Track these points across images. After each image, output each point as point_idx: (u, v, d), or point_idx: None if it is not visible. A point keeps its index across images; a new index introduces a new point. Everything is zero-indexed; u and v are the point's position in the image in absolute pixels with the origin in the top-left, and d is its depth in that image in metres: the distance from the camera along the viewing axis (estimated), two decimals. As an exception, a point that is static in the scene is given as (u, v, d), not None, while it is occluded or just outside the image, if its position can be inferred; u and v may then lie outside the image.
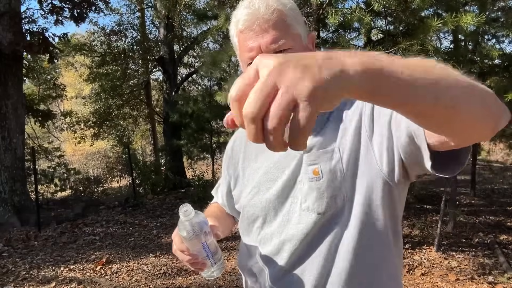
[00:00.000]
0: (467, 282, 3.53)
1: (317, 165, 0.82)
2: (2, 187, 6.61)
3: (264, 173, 0.92)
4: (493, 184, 8.68)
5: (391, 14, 3.80)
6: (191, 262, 0.85)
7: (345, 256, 0.81)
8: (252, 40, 0.80)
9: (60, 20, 7.92)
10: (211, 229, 0.85)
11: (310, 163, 0.83)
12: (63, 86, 12.92)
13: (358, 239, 0.80)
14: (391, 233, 0.84)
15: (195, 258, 0.84)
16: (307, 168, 0.83)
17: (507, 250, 4.24)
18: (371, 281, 0.83)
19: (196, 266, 0.86)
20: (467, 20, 2.64)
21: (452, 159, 0.67)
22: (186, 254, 0.85)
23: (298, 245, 0.84)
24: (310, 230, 0.82)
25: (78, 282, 3.98)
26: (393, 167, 0.78)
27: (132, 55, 11.60)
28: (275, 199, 0.89)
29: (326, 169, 0.81)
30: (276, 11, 0.80)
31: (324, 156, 0.83)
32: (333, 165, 0.81)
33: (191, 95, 10.62)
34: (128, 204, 7.77)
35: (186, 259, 0.86)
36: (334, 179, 0.81)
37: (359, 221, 0.80)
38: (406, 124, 0.69)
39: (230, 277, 3.97)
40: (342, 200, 0.81)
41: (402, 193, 0.85)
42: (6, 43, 6.55)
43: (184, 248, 0.85)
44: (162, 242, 5.33)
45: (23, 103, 7.27)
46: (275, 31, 0.79)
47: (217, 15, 3.94)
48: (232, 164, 1.06)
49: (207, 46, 12.75)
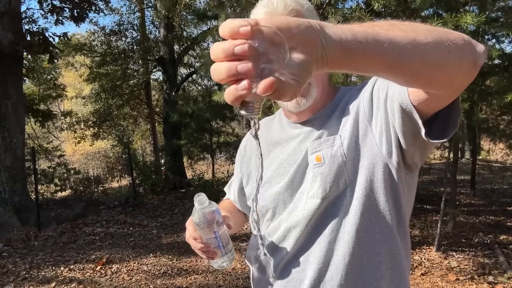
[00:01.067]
0: (467, 282, 3.54)
1: (319, 152, 0.86)
2: (2, 187, 6.61)
3: (276, 168, 0.95)
4: (493, 184, 8.67)
5: (391, 14, 3.80)
6: (203, 250, 0.87)
7: (348, 239, 0.82)
8: None
9: (60, 20, 7.92)
10: (223, 219, 0.87)
11: (313, 151, 0.87)
12: (63, 86, 12.92)
13: (360, 223, 0.82)
14: (394, 217, 0.84)
15: (207, 246, 0.86)
16: (311, 156, 0.87)
17: (507, 250, 4.24)
18: (374, 265, 0.83)
19: (208, 254, 0.87)
20: (467, 20, 2.64)
21: (445, 124, 0.70)
22: (198, 242, 0.86)
23: (303, 230, 0.86)
24: (313, 214, 0.85)
25: (78, 282, 3.98)
26: (391, 148, 0.80)
27: (132, 55, 11.60)
28: (284, 191, 0.91)
29: (328, 155, 0.85)
30: (293, 11, 0.81)
31: (326, 143, 0.86)
32: (334, 150, 0.85)
33: (191, 95, 10.64)
34: (128, 204, 7.77)
35: (198, 247, 0.87)
36: (336, 163, 0.84)
37: (360, 204, 0.82)
38: (398, 97, 0.71)
39: (230, 277, 3.97)
40: (344, 184, 0.83)
41: (406, 183, 0.85)
42: (6, 43, 6.55)
43: (197, 236, 0.86)
44: (162, 242, 5.33)
45: (23, 103, 7.27)
46: None
47: (217, 15, 3.94)
48: (245, 162, 1.10)
49: (207, 46, 12.76)
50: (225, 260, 0.90)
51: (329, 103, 0.93)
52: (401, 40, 0.51)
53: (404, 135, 0.75)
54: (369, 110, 0.83)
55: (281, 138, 0.98)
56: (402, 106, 0.70)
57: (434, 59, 0.54)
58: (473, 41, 0.58)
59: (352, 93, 0.91)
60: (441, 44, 0.54)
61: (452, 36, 0.55)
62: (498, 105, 4.97)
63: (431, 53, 0.53)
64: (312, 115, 0.93)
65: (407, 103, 0.68)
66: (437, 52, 0.53)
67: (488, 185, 8.51)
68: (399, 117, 0.72)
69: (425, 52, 0.52)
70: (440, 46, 0.54)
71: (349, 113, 0.87)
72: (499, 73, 4.62)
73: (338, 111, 0.90)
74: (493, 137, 7.28)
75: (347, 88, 0.95)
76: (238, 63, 0.38)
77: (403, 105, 0.69)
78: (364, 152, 0.83)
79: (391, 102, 0.74)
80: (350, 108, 0.87)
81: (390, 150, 0.80)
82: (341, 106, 0.90)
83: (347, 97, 0.91)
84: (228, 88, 0.40)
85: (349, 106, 0.88)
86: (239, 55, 0.38)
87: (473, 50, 0.57)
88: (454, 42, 0.55)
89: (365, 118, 0.84)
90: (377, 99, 0.80)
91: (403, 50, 0.51)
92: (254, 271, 1.00)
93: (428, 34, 0.53)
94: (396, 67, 0.53)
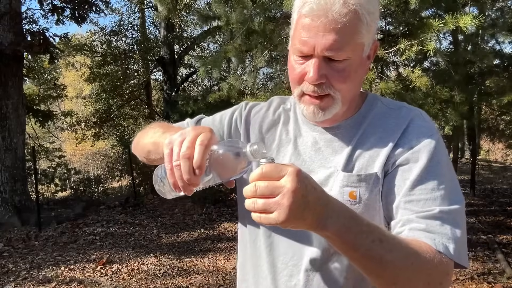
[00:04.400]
0: (466, 282, 3.54)
1: (355, 188, 0.77)
2: (2, 187, 6.62)
3: None
4: (492, 184, 8.68)
5: (391, 14, 3.81)
6: (186, 177, 0.63)
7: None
8: (310, 35, 0.70)
9: (61, 20, 7.93)
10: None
11: (348, 184, 0.77)
12: (63, 86, 12.92)
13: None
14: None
15: (195, 179, 0.63)
16: (343, 188, 0.77)
17: (506, 250, 4.25)
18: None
19: (186, 183, 0.64)
20: (467, 21, 2.65)
21: None
22: (199, 162, 0.62)
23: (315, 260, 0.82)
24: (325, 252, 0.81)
25: (79, 282, 3.99)
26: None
27: (133, 55, 11.60)
28: None
29: (365, 196, 0.77)
30: (350, 13, 0.68)
31: (365, 181, 0.77)
32: (374, 194, 0.77)
33: (191, 95, 10.63)
34: (128, 204, 7.78)
35: (186, 169, 0.62)
36: (371, 209, 0.77)
37: None
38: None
39: (230, 276, 3.98)
40: None
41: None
42: (6, 43, 6.56)
43: (204, 160, 0.63)
44: (162, 242, 5.34)
45: (24, 103, 7.27)
46: (338, 35, 0.69)
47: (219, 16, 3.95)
48: (242, 127, 0.93)
49: (207, 47, 12.78)
50: (173, 195, 0.71)
51: (356, 113, 0.83)
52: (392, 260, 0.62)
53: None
54: (395, 171, 0.76)
55: (295, 136, 0.87)
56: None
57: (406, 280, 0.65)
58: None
59: (385, 122, 0.80)
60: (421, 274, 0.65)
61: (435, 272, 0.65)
62: (498, 105, 4.98)
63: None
64: (336, 123, 0.83)
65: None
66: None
67: (487, 185, 8.52)
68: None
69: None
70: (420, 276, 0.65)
71: (379, 151, 0.77)
72: (498, 73, 4.63)
73: (366, 127, 0.81)
74: (492, 137, 7.29)
75: (374, 97, 0.86)
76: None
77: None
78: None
79: (389, 207, 0.77)
80: (396, 145, 0.76)
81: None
82: (370, 122, 0.81)
83: (378, 115, 0.82)
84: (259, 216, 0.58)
85: (392, 138, 0.77)
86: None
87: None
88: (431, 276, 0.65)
89: (382, 178, 0.77)
90: (407, 175, 0.74)
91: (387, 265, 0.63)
92: None
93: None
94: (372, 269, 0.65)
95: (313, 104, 0.76)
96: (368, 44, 0.75)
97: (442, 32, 3.49)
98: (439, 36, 4.66)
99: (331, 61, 0.72)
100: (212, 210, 7.02)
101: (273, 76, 9.75)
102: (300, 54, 0.74)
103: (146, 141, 0.90)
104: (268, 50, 3.87)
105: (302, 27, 0.72)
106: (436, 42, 4.55)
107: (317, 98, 0.76)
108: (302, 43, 0.72)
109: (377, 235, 0.62)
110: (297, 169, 0.57)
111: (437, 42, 4.80)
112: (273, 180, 0.56)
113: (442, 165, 0.73)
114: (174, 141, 0.65)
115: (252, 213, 0.59)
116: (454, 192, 0.72)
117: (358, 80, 0.79)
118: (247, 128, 0.93)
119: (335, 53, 0.70)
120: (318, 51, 0.70)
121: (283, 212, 0.55)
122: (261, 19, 3.77)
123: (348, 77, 0.74)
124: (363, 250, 0.61)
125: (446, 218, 0.69)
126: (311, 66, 0.72)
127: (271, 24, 3.78)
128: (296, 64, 0.76)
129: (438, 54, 3.27)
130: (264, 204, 0.56)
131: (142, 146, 0.93)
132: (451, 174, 0.75)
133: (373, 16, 0.72)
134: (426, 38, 2.94)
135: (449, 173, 0.74)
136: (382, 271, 0.64)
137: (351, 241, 0.61)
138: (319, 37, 0.69)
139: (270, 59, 4.16)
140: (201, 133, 0.64)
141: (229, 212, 6.84)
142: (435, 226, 0.68)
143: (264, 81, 11.40)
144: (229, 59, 5.06)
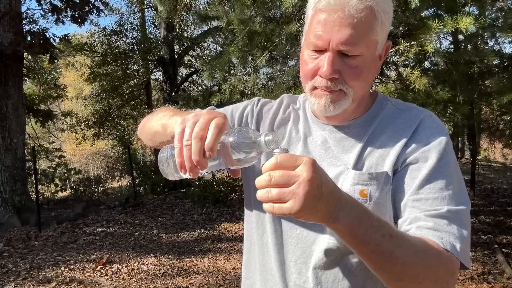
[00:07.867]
0: (466, 282, 3.54)
1: (366, 187, 0.77)
2: (2, 187, 6.62)
3: None
4: (492, 184, 8.68)
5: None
6: (195, 158, 0.62)
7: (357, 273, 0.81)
8: (326, 29, 0.71)
9: (61, 19, 7.94)
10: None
11: (359, 182, 0.77)
12: (63, 86, 12.92)
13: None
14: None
15: (204, 161, 0.62)
16: (354, 186, 0.77)
17: (506, 250, 4.25)
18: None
19: (195, 165, 0.62)
20: (467, 22, 2.64)
21: None
22: (210, 147, 0.61)
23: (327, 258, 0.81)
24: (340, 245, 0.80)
25: (79, 282, 3.99)
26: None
27: (133, 55, 11.61)
28: None
29: (376, 194, 0.76)
30: (367, 9, 0.69)
31: (375, 180, 0.76)
32: (385, 192, 0.76)
33: (191, 95, 10.62)
34: (128, 204, 7.78)
35: (197, 149, 0.61)
36: (381, 207, 0.77)
37: None
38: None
39: (230, 276, 3.98)
40: None
41: None
42: (6, 44, 6.57)
43: (217, 143, 0.62)
44: (162, 242, 5.34)
45: (24, 103, 7.28)
46: (354, 30, 0.70)
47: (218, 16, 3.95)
48: (256, 124, 0.94)
49: (207, 47, 12.77)
50: (176, 176, 0.69)
51: (366, 112, 0.84)
52: (401, 256, 0.62)
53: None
54: (404, 170, 0.76)
55: (305, 135, 0.87)
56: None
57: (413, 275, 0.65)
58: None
59: (395, 122, 0.80)
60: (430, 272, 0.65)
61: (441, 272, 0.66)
62: (498, 105, 4.98)
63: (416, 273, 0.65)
64: (346, 122, 0.83)
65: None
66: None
67: (488, 185, 8.52)
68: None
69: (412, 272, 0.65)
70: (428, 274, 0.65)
71: (390, 150, 0.77)
72: (498, 73, 4.63)
73: (376, 126, 0.81)
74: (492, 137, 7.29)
75: (384, 98, 0.86)
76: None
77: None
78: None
79: (398, 205, 0.77)
80: (393, 148, 0.77)
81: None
82: (380, 122, 0.82)
83: (388, 115, 0.82)
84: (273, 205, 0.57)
85: (391, 139, 0.78)
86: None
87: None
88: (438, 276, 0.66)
89: (392, 176, 0.77)
90: (417, 175, 0.74)
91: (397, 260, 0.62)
92: None
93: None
94: (381, 266, 0.64)
95: (324, 95, 0.76)
96: (381, 43, 0.77)
97: (442, 32, 3.49)
98: (439, 36, 4.67)
99: (344, 56, 0.73)
100: (212, 210, 7.02)
101: (273, 76, 9.75)
102: (315, 49, 0.75)
103: (154, 123, 0.89)
104: (268, 50, 3.87)
105: (317, 22, 0.72)
106: (436, 43, 4.55)
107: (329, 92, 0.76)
108: (317, 37, 0.72)
109: (387, 230, 0.63)
110: (312, 159, 0.56)
111: (437, 42, 4.80)
112: (288, 170, 0.56)
113: (451, 166, 0.75)
114: (188, 121, 0.64)
115: (264, 204, 0.58)
116: (461, 193, 0.74)
117: (370, 78, 0.80)
118: (257, 124, 0.94)
119: (350, 47, 0.71)
120: (333, 45, 0.71)
121: (298, 201, 0.54)
122: (261, 19, 3.76)
123: (361, 74, 0.75)
124: (373, 245, 0.62)
125: (453, 217, 0.71)
126: (325, 60, 0.73)
127: (271, 24, 3.78)
128: (310, 59, 0.77)
129: (437, 55, 3.26)
130: (278, 193, 0.55)
131: (149, 127, 0.92)
132: (458, 175, 0.76)
133: (387, 16, 0.74)
134: (425, 39, 2.94)
135: (457, 175, 0.75)
136: (391, 267, 0.64)
137: (362, 235, 0.61)
138: (335, 31, 0.70)
139: (270, 59, 4.16)
140: (216, 117, 0.64)
141: (229, 212, 6.84)
142: (442, 225, 0.70)
143: (265, 81, 11.41)
144: (230, 60, 5.06)
